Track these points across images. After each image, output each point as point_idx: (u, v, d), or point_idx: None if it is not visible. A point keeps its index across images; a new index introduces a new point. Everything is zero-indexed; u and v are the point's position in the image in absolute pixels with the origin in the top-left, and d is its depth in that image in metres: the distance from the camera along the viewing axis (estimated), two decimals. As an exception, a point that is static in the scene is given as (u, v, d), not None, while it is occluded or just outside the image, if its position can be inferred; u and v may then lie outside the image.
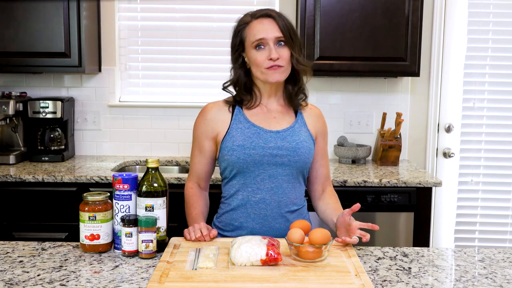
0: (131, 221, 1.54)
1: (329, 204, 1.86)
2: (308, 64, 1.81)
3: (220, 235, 1.84)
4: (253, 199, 1.79)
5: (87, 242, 1.57)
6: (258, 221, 1.79)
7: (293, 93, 1.83)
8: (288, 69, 1.77)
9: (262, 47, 1.73)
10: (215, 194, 2.02)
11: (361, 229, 1.62)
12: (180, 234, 1.71)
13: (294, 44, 1.76)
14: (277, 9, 3.13)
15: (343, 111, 3.21)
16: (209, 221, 1.91)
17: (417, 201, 2.64)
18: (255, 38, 1.73)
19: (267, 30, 1.73)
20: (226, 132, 1.80)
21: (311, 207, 1.94)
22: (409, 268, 1.49)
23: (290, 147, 1.78)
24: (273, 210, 1.79)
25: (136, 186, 1.59)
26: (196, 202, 1.87)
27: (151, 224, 1.52)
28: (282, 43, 1.74)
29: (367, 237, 1.58)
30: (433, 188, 2.79)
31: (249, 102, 1.83)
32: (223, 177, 1.88)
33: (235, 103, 1.85)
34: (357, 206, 1.60)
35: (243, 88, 1.83)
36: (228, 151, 1.78)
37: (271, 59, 1.72)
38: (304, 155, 1.79)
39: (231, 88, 1.88)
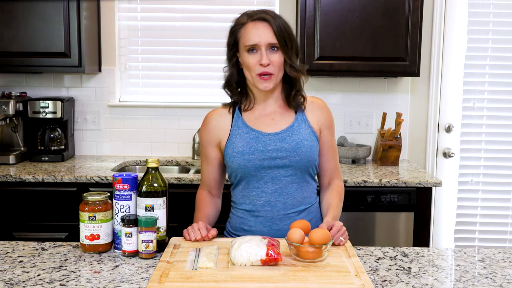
0: (131, 221, 1.54)
1: (327, 199, 1.86)
2: (302, 70, 1.79)
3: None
4: (258, 202, 1.79)
5: (87, 242, 1.57)
6: (266, 224, 1.79)
7: (291, 96, 1.82)
8: (279, 75, 1.76)
9: (255, 51, 1.73)
10: (226, 196, 2.01)
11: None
12: (180, 234, 1.71)
13: (288, 49, 1.74)
14: (277, 9, 3.13)
15: (343, 111, 3.21)
16: (221, 226, 1.90)
17: (417, 201, 2.64)
18: (248, 43, 1.72)
19: (261, 35, 1.71)
20: (228, 139, 1.81)
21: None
22: (409, 268, 1.49)
23: (290, 147, 1.76)
24: (279, 211, 1.78)
25: (136, 186, 1.59)
26: (204, 205, 1.87)
27: (151, 224, 1.52)
28: (275, 48, 1.73)
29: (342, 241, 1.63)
30: (433, 188, 2.79)
31: (245, 104, 1.84)
32: (231, 182, 1.89)
33: (233, 106, 1.85)
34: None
35: (236, 88, 1.83)
36: (230, 158, 1.79)
37: (261, 64, 1.71)
38: (305, 153, 1.77)
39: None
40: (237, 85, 1.83)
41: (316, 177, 1.89)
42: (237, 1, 3.16)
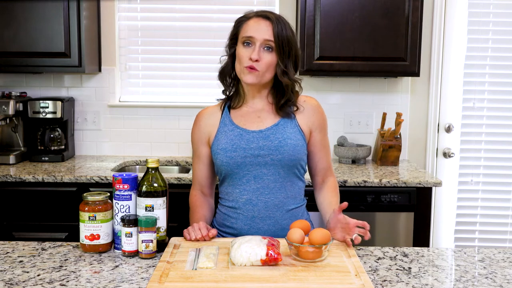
0: (131, 221, 1.54)
1: (325, 198, 1.85)
2: (295, 79, 1.78)
3: (218, 234, 1.84)
4: (240, 200, 1.78)
5: (87, 242, 1.57)
6: (246, 222, 1.78)
7: (279, 104, 1.79)
8: (266, 75, 1.74)
9: (250, 44, 1.73)
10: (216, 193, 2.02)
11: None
12: (180, 234, 1.71)
13: (284, 54, 1.73)
14: (277, 9, 3.13)
15: (343, 111, 3.21)
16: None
17: (417, 201, 2.64)
18: (245, 35, 1.73)
19: (259, 30, 1.72)
20: (215, 136, 1.82)
21: (313, 207, 1.94)
22: (409, 268, 1.49)
23: (272, 146, 1.75)
24: (260, 211, 1.77)
25: (136, 186, 1.59)
26: (199, 207, 1.87)
27: (151, 224, 1.52)
28: (270, 48, 1.72)
29: (368, 234, 1.59)
30: (433, 188, 2.79)
31: (235, 101, 1.84)
32: (218, 178, 1.89)
33: (225, 104, 1.86)
34: (344, 204, 1.64)
35: (228, 80, 1.83)
36: (214, 154, 1.81)
37: (250, 58, 1.71)
38: (288, 152, 1.75)
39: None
40: (230, 78, 1.83)
41: (303, 178, 1.86)
42: (237, 1, 3.16)
